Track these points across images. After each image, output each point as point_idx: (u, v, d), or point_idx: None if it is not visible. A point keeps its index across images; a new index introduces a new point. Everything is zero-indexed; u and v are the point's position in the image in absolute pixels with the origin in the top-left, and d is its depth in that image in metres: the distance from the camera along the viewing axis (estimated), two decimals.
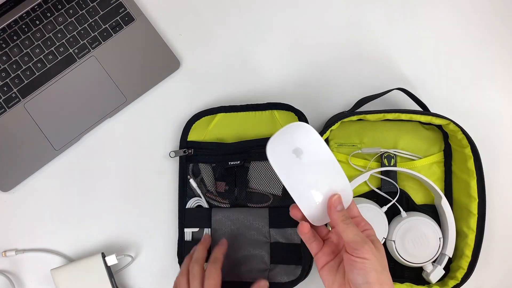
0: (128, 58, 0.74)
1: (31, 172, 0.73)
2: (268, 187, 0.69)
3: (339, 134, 0.71)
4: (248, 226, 0.69)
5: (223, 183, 0.70)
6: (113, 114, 0.74)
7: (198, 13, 0.77)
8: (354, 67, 0.75)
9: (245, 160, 0.70)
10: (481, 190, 0.64)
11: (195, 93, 0.75)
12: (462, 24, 0.75)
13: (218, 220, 0.69)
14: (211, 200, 0.71)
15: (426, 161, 0.70)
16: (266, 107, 0.70)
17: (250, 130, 0.71)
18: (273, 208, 0.69)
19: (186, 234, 0.70)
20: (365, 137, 0.70)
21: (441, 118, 0.65)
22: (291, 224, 0.67)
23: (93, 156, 0.74)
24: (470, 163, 0.65)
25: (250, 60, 0.76)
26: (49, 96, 0.73)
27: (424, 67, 0.75)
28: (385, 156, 0.69)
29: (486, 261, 0.70)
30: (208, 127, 0.71)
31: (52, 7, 0.75)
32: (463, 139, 0.65)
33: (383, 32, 0.75)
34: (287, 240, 0.68)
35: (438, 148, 0.70)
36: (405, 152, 0.70)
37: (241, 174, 0.70)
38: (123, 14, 0.75)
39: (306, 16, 0.76)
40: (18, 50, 0.74)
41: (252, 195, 0.70)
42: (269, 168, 0.69)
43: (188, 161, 0.72)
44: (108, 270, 0.69)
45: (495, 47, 0.75)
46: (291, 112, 0.69)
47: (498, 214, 0.71)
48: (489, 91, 0.74)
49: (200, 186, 0.71)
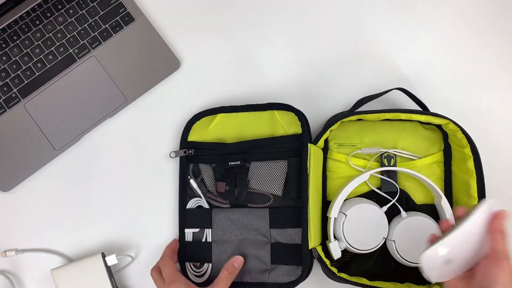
0: (128, 58, 0.74)
1: (31, 172, 0.73)
2: (268, 187, 0.69)
3: (339, 134, 0.71)
4: (248, 227, 0.69)
5: (223, 183, 0.70)
6: (113, 114, 0.74)
7: (198, 13, 0.77)
8: (354, 67, 0.75)
9: (245, 160, 0.70)
10: (481, 189, 0.64)
11: (195, 93, 0.75)
12: (463, 23, 0.76)
13: (219, 220, 0.69)
14: (211, 200, 0.71)
15: (426, 161, 0.69)
16: (266, 107, 0.70)
17: (250, 130, 0.71)
18: (274, 208, 0.68)
19: (186, 235, 0.70)
20: (365, 137, 0.70)
21: (440, 117, 0.64)
22: (291, 224, 0.67)
23: (93, 156, 0.74)
24: (470, 163, 0.65)
25: (250, 60, 0.76)
26: (49, 96, 0.73)
27: (424, 67, 0.75)
28: (385, 156, 0.69)
29: None
30: (208, 128, 0.71)
31: (52, 7, 0.75)
32: (462, 139, 0.65)
33: (383, 32, 0.76)
34: (287, 240, 0.68)
35: (438, 148, 0.70)
36: (405, 152, 0.70)
37: (241, 174, 0.69)
38: (123, 14, 0.75)
39: (306, 17, 0.76)
40: (18, 50, 0.74)
41: (252, 196, 0.69)
42: (269, 168, 0.69)
43: (189, 161, 0.72)
44: (108, 270, 0.69)
45: (496, 47, 0.75)
46: (291, 112, 0.69)
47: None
48: (489, 91, 0.74)
49: (200, 186, 0.71)
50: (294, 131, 0.69)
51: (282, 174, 0.68)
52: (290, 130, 0.69)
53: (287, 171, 0.68)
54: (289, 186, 0.68)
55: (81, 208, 0.73)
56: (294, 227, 0.67)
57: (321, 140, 0.67)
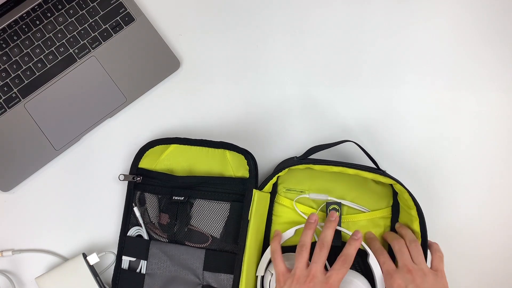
0: (128, 58, 0.74)
1: (31, 172, 0.73)
2: (208, 227, 0.68)
3: (288, 179, 0.70)
4: (183, 265, 0.67)
5: (166, 216, 0.69)
6: (113, 114, 0.74)
7: (198, 13, 0.77)
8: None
9: (190, 196, 0.69)
10: (425, 252, 0.63)
11: (195, 93, 0.75)
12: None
13: (155, 253, 0.68)
14: (151, 232, 0.70)
15: (373, 215, 0.68)
16: (219, 145, 0.69)
17: (201, 166, 0.70)
18: (210, 250, 0.67)
19: (123, 262, 0.69)
20: (314, 184, 0.69)
21: (387, 177, 0.63)
22: (225, 270, 0.66)
23: (93, 156, 0.74)
24: (416, 225, 0.64)
25: (250, 60, 0.76)
26: (49, 96, 0.74)
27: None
28: (330, 208, 0.68)
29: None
30: (160, 157, 0.71)
31: (52, 7, 0.75)
32: (409, 200, 0.64)
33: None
34: (219, 285, 0.67)
35: (386, 203, 0.69)
36: (352, 203, 0.69)
37: (184, 210, 0.68)
38: (123, 14, 0.75)
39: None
40: (19, 50, 0.74)
41: (192, 233, 0.68)
42: (212, 208, 0.68)
43: (136, 188, 0.71)
44: (92, 269, 0.69)
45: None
46: (241, 155, 0.68)
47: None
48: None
49: (144, 215, 0.70)
50: (242, 174, 0.68)
51: (223, 216, 0.67)
52: (239, 173, 0.68)
53: (228, 215, 0.67)
54: (228, 230, 0.67)
55: (81, 208, 0.73)
56: (227, 273, 0.66)
57: (268, 184, 0.66)
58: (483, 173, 0.73)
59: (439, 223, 0.72)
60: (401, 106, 0.74)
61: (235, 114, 0.75)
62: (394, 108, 0.74)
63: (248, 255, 0.63)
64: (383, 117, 0.74)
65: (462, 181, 0.73)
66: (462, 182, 0.73)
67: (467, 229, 0.72)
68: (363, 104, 0.74)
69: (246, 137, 0.74)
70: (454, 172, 0.73)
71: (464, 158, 0.73)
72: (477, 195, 0.72)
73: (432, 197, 0.72)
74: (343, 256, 0.60)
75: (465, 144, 0.73)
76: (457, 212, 0.72)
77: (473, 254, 0.72)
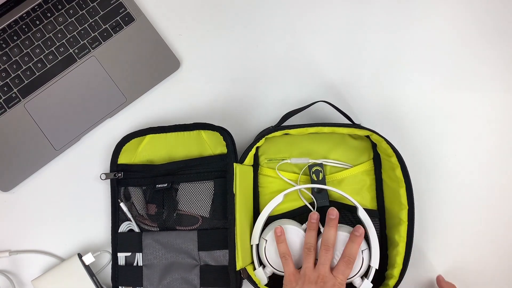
0: (128, 58, 0.74)
1: (31, 172, 0.73)
2: (196, 208, 0.68)
3: (268, 150, 0.70)
4: (177, 250, 0.68)
5: (153, 206, 0.69)
6: (113, 114, 0.74)
7: (198, 13, 0.77)
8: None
9: (173, 182, 0.69)
10: (410, 197, 0.63)
11: (195, 93, 0.75)
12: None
13: (149, 244, 0.69)
14: (141, 223, 0.70)
15: (356, 170, 0.69)
16: (193, 127, 0.69)
17: (179, 151, 0.70)
18: (202, 230, 0.68)
19: (119, 259, 0.70)
20: (295, 150, 0.70)
21: (362, 129, 0.64)
22: (219, 246, 0.67)
23: (93, 156, 0.74)
24: (398, 171, 0.64)
25: (251, 60, 0.76)
26: (49, 96, 0.74)
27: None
28: (313, 171, 0.68)
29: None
30: (137, 150, 0.71)
31: (52, 7, 0.75)
32: (387, 148, 0.64)
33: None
34: (216, 262, 0.67)
35: (367, 157, 0.69)
36: (333, 161, 0.69)
37: (170, 196, 0.69)
38: (123, 14, 0.75)
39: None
40: (18, 50, 0.74)
41: (181, 217, 0.69)
42: (197, 189, 0.68)
43: (119, 184, 0.71)
44: (88, 269, 0.69)
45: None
46: (216, 132, 0.68)
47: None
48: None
49: (131, 209, 0.70)
50: (220, 151, 0.68)
51: (209, 195, 0.68)
52: (217, 150, 0.69)
53: (214, 192, 0.68)
54: (216, 207, 0.67)
55: (81, 208, 0.73)
56: (221, 249, 0.67)
57: (248, 157, 0.66)
58: (483, 173, 0.73)
59: (439, 223, 0.72)
60: (401, 106, 0.74)
61: (234, 113, 0.75)
62: (394, 107, 0.74)
63: (239, 227, 0.63)
64: (383, 116, 0.74)
65: (463, 181, 0.72)
66: (462, 182, 0.72)
67: (467, 229, 0.72)
68: (363, 104, 0.74)
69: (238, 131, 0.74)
70: (455, 172, 0.73)
71: (464, 158, 0.73)
72: (477, 195, 0.72)
73: (432, 197, 0.72)
74: (346, 257, 0.61)
75: (465, 144, 0.73)
76: (457, 212, 0.72)
77: (472, 252, 0.72)
